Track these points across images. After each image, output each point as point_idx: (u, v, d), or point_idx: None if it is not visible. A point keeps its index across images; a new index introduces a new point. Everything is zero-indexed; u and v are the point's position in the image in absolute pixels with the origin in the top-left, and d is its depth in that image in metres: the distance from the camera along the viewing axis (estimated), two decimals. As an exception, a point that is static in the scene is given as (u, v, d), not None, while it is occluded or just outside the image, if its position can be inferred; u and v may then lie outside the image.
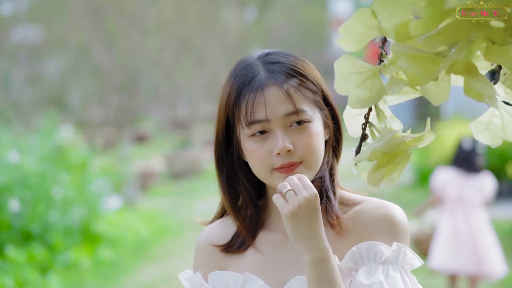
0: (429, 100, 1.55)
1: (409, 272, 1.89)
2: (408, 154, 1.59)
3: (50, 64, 20.79)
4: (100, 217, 10.09)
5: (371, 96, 1.53)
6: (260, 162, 1.88)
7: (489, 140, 1.65)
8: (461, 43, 1.38)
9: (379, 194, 1.82)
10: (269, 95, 1.86)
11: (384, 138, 1.56)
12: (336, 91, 1.53)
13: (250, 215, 2.01)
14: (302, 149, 1.86)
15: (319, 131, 1.89)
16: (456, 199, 7.27)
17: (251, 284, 1.93)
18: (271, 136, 1.87)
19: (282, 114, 1.85)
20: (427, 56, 1.40)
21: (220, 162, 2.00)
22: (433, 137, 1.61)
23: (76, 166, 10.22)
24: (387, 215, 1.92)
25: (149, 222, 11.44)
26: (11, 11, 21.74)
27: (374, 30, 1.51)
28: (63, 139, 10.57)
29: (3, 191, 8.35)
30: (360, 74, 1.53)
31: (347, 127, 1.67)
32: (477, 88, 1.44)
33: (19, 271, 7.62)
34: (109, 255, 9.33)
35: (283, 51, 1.97)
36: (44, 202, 8.82)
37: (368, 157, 1.55)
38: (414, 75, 1.45)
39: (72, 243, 9.09)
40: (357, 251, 1.87)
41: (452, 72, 1.41)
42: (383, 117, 1.62)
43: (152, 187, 16.43)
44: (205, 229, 2.10)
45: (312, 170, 1.89)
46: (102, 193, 10.50)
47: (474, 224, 7.34)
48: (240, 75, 1.92)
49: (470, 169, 7.31)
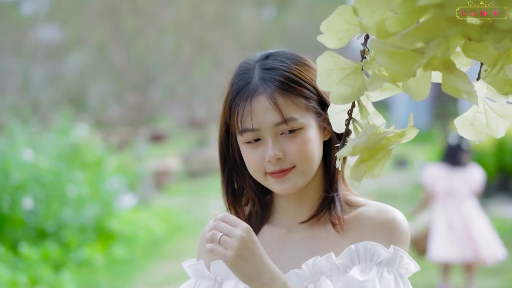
0: (411, 96, 1.57)
1: (404, 277, 1.90)
2: (389, 149, 1.61)
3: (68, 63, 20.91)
4: (115, 215, 10.13)
5: (353, 92, 1.55)
6: (254, 167, 1.93)
7: (473, 136, 1.67)
8: (438, 40, 1.40)
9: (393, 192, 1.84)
10: (256, 105, 1.89)
11: (366, 133, 1.58)
12: (319, 87, 1.55)
13: (256, 211, 2.06)
14: (293, 156, 1.89)
15: (312, 136, 1.92)
16: (446, 192, 7.64)
17: None
18: (263, 143, 1.91)
19: (271, 124, 1.89)
20: (405, 52, 1.42)
21: (223, 161, 2.06)
22: (415, 133, 1.62)
23: (91, 165, 10.29)
24: (388, 219, 1.94)
25: (164, 220, 11.47)
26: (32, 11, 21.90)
27: (356, 27, 1.53)
28: (79, 137, 10.63)
29: (17, 189, 8.41)
30: (342, 70, 1.55)
31: (331, 123, 1.69)
32: (455, 84, 1.46)
33: (32, 268, 7.67)
34: (122, 252, 9.38)
35: (284, 53, 1.99)
36: (58, 200, 8.88)
37: (350, 152, 1.57)
38: (393, 72, 1.47)
39: (86, 240, 9.14)
40: (355, 249, 1.89)
41: (430, 68, 1.43)
42: (366, 113, 1.63)
43: (168, 186, 16.47)
44: (211, 221, 2.15)
45: (306, 174, 1.93)
46: (116, 191, 10.55)
47: (466, 213, 7.69)
48: (235, 81, 1.96)
49: (456, 163, 7.69)
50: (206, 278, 2.05)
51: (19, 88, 19.73)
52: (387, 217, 1.95)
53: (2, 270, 7.19)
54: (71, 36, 19.22)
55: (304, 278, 1.90)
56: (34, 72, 19.93)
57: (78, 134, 10.73)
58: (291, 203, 2.03)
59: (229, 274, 2.00)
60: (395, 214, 1.97)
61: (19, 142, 9.25)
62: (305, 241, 2.00)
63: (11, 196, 8.34)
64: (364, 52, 1.56)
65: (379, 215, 1.95)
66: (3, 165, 8.61)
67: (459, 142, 7.66)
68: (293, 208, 2.03)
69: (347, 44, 1.58)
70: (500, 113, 1.66)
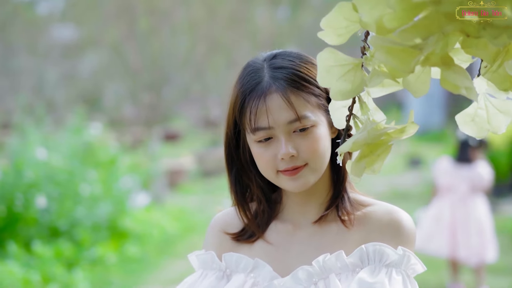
0: (410, 92, 1.58)
1: (411, 277, 1.93)
2: (389, 145, 1.62)
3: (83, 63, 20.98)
4: (128, 214, 10.17)
5: (353, 88, 1.56)
6: (266, 165, 1.95)
7: (474, 132, 1.68)
8: (436, 36, 1.41)
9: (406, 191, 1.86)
10: (271, 103, 1.91)
11: (366, 129, 1.59)
12: (319, 83, 1.56)
13: (262, 210, 2.08)
14: (306, 153, 1.92)
15: (323, 134, 1.94)
16: (447, 187, 7.67)
17: (260, 269, 1.99)
18: (276, 142, 1.93)
19: (285, 122, 1.91)
20: (403, 49, 1.43)
21: (230, 161, 2.08)
22: (415, 129, 1.63)
23: (105, 163, 10.33)
24: (395, 221, 1.97)
25: (177, 219, 11.49)
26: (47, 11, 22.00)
27: (356, 23, 1.54)
28: (92, 136, 10.68)
29: (31, 187, 8.46)
30: (342, 67, 1.57)
31: (332, 119, 1.71)
32: (453, 80, 1.47)
33: (45, 267, 7.70)
34: (135, 251, 9.40)
35: (290, 52, 2.01)
36: (71, 198, 8.92)
37: (350, 148, 1.58)
38: (392, 68, 1.48)
39: (99, 239, 9.18)
40: (365, 250, 1.92)
41: (428, 64, 1.44)
42: (366, 109, 1.64)
43: (182, 185, 16.50)
44: (219, 214, 2.18)
45: (318, 171, 1.96)
46: (130, 190, 10.58)
47: (459, 212, 7.72)
48: (245, 81, 1.98)
49: (461, 159, 7.72)
50: (214, 269, 2.06)
51: (34, 88, 19.81)
52: (394, 218, 1.98)
53: (15, 268, 7.24)
54: (86, 35, 19.28)
55: (313, 275, 1.93)
56: (49, 72, 20.01)
57: (92, 133, 10.77)
58: (299, 200, 2.05)
59: (238, 267, 2.02)
60: (402, 215, 1.99)
61: (32, 141, 9.30)
62: (312, 237, 2.03)
63: (25, 195, 8.39)
64: (364, 48, 1.58)
65: (386, 216, 1.98)
66: (17, 163, 8.66)
67: (466, 138, 7.66)
68: (301, 205, 2.06)
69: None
70: (501, 109, 1.67)
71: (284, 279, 1.95)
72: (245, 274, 2.00)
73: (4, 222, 8.33)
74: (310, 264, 1.95)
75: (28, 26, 19.55)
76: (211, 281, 2.03)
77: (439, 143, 20.32)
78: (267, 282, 1.97)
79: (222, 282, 2.03)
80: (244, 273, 2.01)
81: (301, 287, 1.93)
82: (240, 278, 2.01)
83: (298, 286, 1.93)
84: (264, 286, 1.96)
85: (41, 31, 20.30)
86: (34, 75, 20.02)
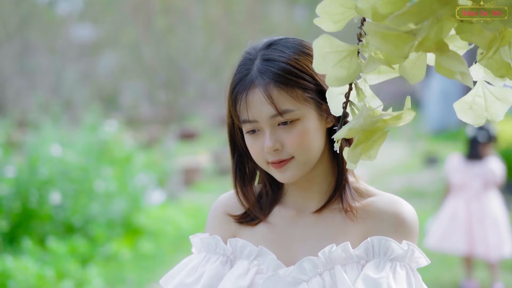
0: (406, 79, 1.58)
1: (415, 270, 1.95)
2: (385, 131, 1.62)
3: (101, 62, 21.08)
4: (143, 211, 10.19)
5: (348, 74, 1.57)
6: (257, 156, 1.98)
7: (472, 119, 1.68)
8: (430, 21, 1.41)
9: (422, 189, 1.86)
10: (252, 97, 1.93)
11: (362, 115, 1.59)
12: (315, 70, 1.56)
13: (266, 192, 2.11)
14: (291, 147, 1.93)
15: (310, 127, 1.94)
16: (460, 184, 7.67)
17: (264, 257, 2.01)
18: (262, 134, 1.95)
19: (267, 116, 1.92)
20: (397, 34, 1.43)
21: (232, 147, 2.11)
22: (412, 116, 1.63)
23: (120, 160, 10.37)
24: (398, 212, 1.98)
25: (191, 216, 11.50)
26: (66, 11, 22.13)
27: (352, 10, 1.55)
28: (108, 133, 10.71)
29: (45, 184, 8.50)
30: (338, 53, 1.57)
31: (329, 107, 1.71)
32: (448, 65, 1.47)
33: (60, 263, 7.73)
34: (149, 247, 9.42)
35: (287, 41, 2.01)
36: (86, 195, 8.95)
37: (345, 134, 1.58)
38: (387, 54, 1.48)
39: (113, 235, 9.20)
40: (371, 242, 1.93)
41: (422, 49, 1.44)
42: (362, 95, 1.65)
43: (198, 183, 16.52)
44: (222, 196, 2.19)
45: (305, 164, 1.96)
46: (145, 187, 10.61)
47: (474, 209, 7.72)
48: (237, 71, 2.01)
49: (472, 156, 7.74)
50: (218, 253, 2.07)
51: (52, 87, 19.91)
52: (398, 209, 1.98)
53: (30, 263, 7.27)
54: (104, 35, 19.38)
55: (319, 265, 1.93)
56: (67, 71, 20.11)
57: (107, 130, 10.81)
58: (299, 187, 2.07)
59: (242, 253, 2.04)
60: (406, 207, 2.00)
61: (48, 138, 9.34)
62: (315, 225, 2.03)
63: (39, 191, 8.43)
64: (361, 35, 1.58)
65: (390, 207, 1.99)
66: (32, 160, 8.71)
67: (475, 135, 7.68)
68: (302, 193, 2.07)
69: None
70: (499, 97, 1.67)
71: (289, 269, 1.95)
72: (249, 262, 2.01)
73: (19, 218, 8.37)
74: (312, 251, 1.97)
75: (47, 26, 19.65)
76: (216, 265, 2.04)
77: (456, 141, 20.24)
78: (271, 271, 1.98)
79: (226, 267, 2.05)
80: (248, 260, 2.02)
81: (306, 277, 1.93)
82: (243, 265, 2.02)
83: (303, 276, 1.93)
84: (269, 275, 1.96)
85: (60, 30, 20.40)
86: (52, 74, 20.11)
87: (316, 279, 1.92)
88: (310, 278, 1.93)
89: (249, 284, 1.98)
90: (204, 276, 2.04)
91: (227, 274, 2.02)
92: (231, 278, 1.99)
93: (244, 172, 2.11)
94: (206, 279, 2.03)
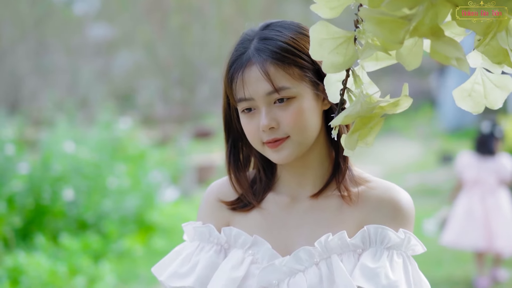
0: (403, 65, 1.57)
1: (411, 258, 1.94)
2: (381, 118, 1.61)
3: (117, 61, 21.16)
4: (156, 207, 10.21)
5: (345, 61, 1.56)
6: (252, 136, 1.96)
7: (471, 107, 1.67)
8: (425, 5, 1.40)
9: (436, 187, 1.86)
10: (248, 75, 1.92)
11: (359, 101, 1.59)
12: (312, 56, 1.56)
13: (260, 178, 2.09)
14: (286, 125, 1.91)
15: (306, 106, 1.93)
16: (473, 181, 7.69)
17: (259, 246, 1.99)
18: (257, 113, 1.94)
19: (263, 93, 1.91)
20: (392, 19, 1.42)
21: (227, 131, 2.10)
22: (409, 102, 1.62)
23: (134, 157, 10.39)
24: (394, 199, 1.96)
25: (204, 213, 11.50)
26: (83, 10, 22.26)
27: (349, -4, 1.54)
28: (122, 131, 10.74)
29: (58, 180, 8.53)
30: (335, 40, 1.56)
31: (327, 93, 1.70)
32: (443, 50, 1.46)
33: (72, 259, 7.75)
34: (162, 244, 9.43)
35: (284, 23, 2.00)
36: (99, 191, 8.98)
37: (342, 121, 1.58)
38: (383, 39, 1.48)
39: (126, 232, 9.22)
40: (367, 231, 1.92)
41: (417, 34, 1.43)
42: (359, 82, 1.64)
43: (211, 181, 16.51)
44: (214, 183, 2.19)
45: (301, 145, 1.94)
46: (158, 184, 10.62)
47: (490, 204, 7.71)
48: (234, 50, 2.00)
49: (486, 152, 7.72)
50: (212, 242, 2.06)
51: (68, 86, 20.02)
52: (395, 197, 1.96)
53: (43, 259, 7.29)
54: (119, 34, 19.45)
55: (315, 255, 1.92)
56: (83, 69, 20.22)
57: (121, 127, 10.84)
58: (294, 172, 2.05)
59: (237, 242, 2.02)
60: (402, 194, 1.98)
61: (62, 135, 9.38)
62: (310, 211, 2.01)
63: (52, 187, 8.46)
64: (357, 21, 1.57)
65: (386, 193, 1.97)
66: (45, 156, 8.74)
67: (491, 130, 7.66)
68: (297, 177, 2.05)
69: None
70: (498, 84, 1.66)
71: (285, 259, 1.94)
72: (243, 251, 2.00)
73: (32, 215, 8.41)
74: (307, 238, 1.95)
75: (63, 25, 19.76)
76: (210, 255, 2.03)
77: (471, 140, 20.15)
78: (266, 261, 1.97)
79: (220, 256, 2.03)
80: (242, 249, 2.00)
81: (302, 267, 1.92)
82: (238, 254, 2.00)
83: (299, 266, 1.92)
84: (265, 266, 1.95)
85: (76, 30, 20.52)
86: (68, 73, 20.23)
87: (312, 268, 1.91)
88: (307, 268, 1.92)
89: (245, 274, 1.97)
90: (198, 265, 2.03)
91: (221, 264, 2.00)
92: (226, 269, 1.98)
93: (238, 157, 2.10)
94: (200, 269, 2.02)
